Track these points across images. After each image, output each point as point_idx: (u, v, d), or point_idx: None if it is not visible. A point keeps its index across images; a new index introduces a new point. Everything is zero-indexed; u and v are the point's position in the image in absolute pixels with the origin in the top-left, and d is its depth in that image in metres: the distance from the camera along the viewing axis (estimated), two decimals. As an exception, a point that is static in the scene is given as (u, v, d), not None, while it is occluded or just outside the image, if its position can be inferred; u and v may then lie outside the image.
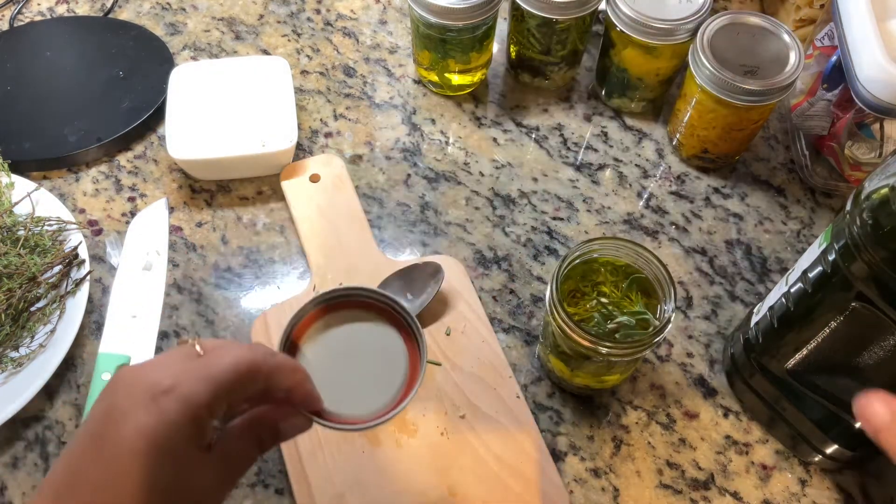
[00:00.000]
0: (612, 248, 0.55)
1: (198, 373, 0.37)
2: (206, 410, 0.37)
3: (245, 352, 0.39)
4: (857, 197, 0.44)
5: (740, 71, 0.63)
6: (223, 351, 0.39)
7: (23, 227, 0.64)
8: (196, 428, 0.37)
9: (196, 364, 0.38)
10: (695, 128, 0.69)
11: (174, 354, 0.39)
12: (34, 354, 0.59)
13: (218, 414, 0.38)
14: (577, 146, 0.75)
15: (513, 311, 0.65)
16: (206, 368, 0.38)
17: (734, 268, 0.68)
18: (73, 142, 0.71)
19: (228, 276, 0.67)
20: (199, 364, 0.38)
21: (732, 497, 0.57)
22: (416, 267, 0.64)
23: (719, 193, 0.72)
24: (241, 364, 0.38)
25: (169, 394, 0.36)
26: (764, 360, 0.56)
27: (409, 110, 0.77)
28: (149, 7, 0.84)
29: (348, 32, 0.82)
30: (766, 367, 0.56)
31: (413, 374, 0.46)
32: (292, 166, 0.71)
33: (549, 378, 0.62)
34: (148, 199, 0.71)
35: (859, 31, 0.59)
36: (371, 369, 0.46)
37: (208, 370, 0.38)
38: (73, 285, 0.62)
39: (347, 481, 0.55)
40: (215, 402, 0.37)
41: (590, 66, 0.80)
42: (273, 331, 0.62)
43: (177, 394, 0.36)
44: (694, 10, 0.66)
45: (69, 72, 0.77)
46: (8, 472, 0.57)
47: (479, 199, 0.71)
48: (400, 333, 0.48)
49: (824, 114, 0.66)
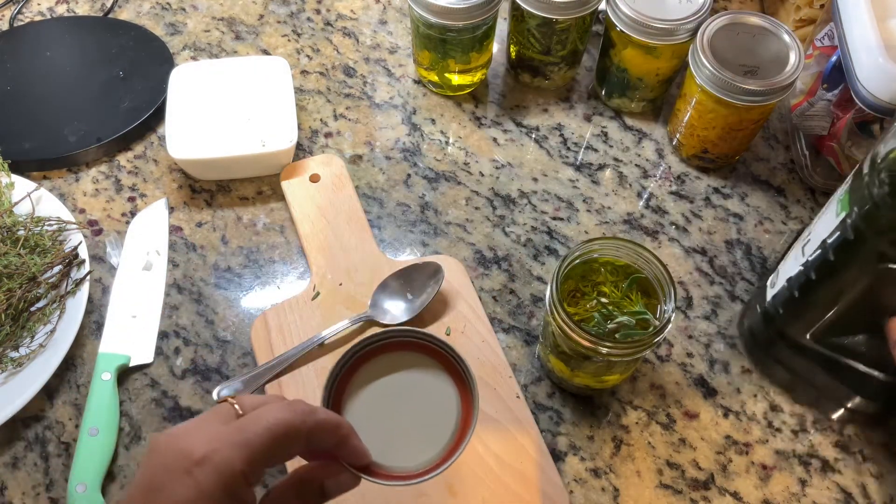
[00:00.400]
0: (612, 248, 0.55)
1: (232, 438, 0.36)
2: (241, 478, 0.36)
3: (283, 413, 0.37)
4: (874, 162, 0.44)
5: (740, 71, 0.63)
6: (261, 413, 0.38)
7: (23, 227, 0.64)
8: (233, 498, 0.36)
9: (231, 428, 0.37)
10: (695, 128, 0.69)
11: (210, 417, 0.38)
12: (34, 354, 0.59)
13: (256, 480, 0.37)
14: (577, 146, 0.75)
15: (513, 311, 0.65)
16: (241, 433, 0.36)
17: (734, 268, 0.68)
18: (73, 142, 0.71)
19: (228, 276, 0.67)
20: (234, 428, 0.37)
21: (732, 497, 0.57)
22: (416, 267, 0.64)
23: (719, 193, 0.72)
24: (279, 427, 0.37)
25: (203, 465, 0.35)
26: (785, 330, 0.57)
27: (409, 110, 0.77)
28: (149, 7, 0.84)
29: (348, 32, 0.82)
30: (787, 335, 0.57)
31: (466, 419, 0.43)
32: (292, 166, 0.71)
33: (549, 378, 0.62)
34: (148, 199, 0.71)
35: (859, 31, 0.59)
36: (421, 416, 0.44)
37: (243, 435, 0.36)
38: (73, 285, 0.62)
39: (347, 481, 0.55)
40: (251, 470, 0.36)
41: (590, 66, 0.80)
42: (273, 331, 0.62)
43: (211, 465, 0.35)
44: (694, 10, 0.66)
45: (69, 72, 0.77)
46: (8, 472, 0.57)
47: (479, 199, 0.71)
48: (450, 376, 0.45)
49: (824, 114, 0.66)
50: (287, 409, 0.38)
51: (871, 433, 0.60)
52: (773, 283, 0.58)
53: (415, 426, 0.44)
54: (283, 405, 0.38)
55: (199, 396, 0.60)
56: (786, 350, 0.58)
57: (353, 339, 0.61)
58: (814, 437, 0.60)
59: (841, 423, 0.60)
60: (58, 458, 0.58)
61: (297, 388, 0.59)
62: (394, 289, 0.63)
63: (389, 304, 0.63)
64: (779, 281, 0.57)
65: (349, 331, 0.62)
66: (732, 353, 0.63)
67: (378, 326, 0.62)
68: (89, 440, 0.56)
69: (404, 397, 0.44)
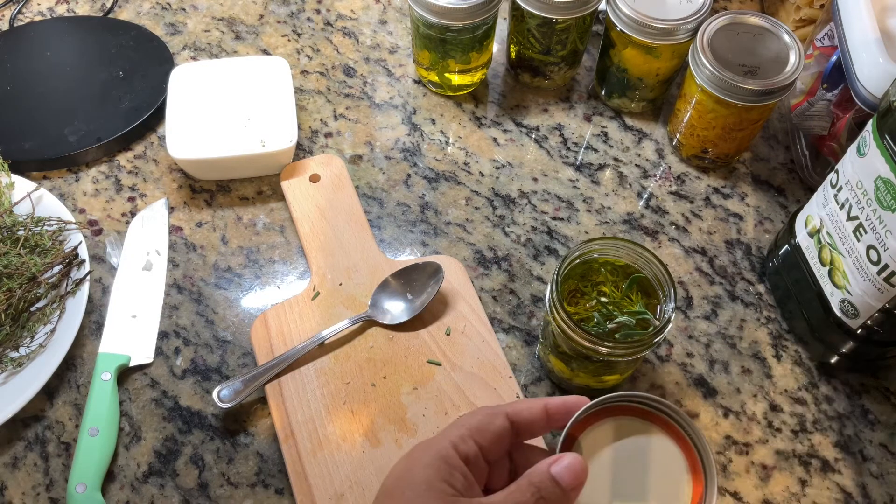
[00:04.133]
0: (612, 248, 0.55)
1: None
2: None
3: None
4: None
5: (740, 71, 0.63)
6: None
7: (23, 227, 0.64)
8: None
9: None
10: (695, 128, 0.69)
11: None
12: (34, 354, 0.59)
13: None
14: (577, 146, 0.75)
15: (513, 311, 0.65)
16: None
17: (734, 268, 0.68)
18: (73, 142, 0.71)
19: (228, 276, 0.67)
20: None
21: (732, 497, 0.57)
22: (416, 267, 0.64)
23: (719, 193, 0.72)
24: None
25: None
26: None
27: (409, 110, 0.77)
28: (149, 7, 0.84)
29: (348, 32, 0.82)
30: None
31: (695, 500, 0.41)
32: (292, 166, 0.71)
33: (549, 378, 0.62)
34: (148, 199, 0.71)
35: (859, 31, 0.59)
36: (648, 488, 0.41)
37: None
38: (73, 285, 0.62)
39: (347, 481, 0.55)
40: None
41: (590, 66, 0.80)
42: (273, 331, 0.62)
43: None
44: (694, 10, 0.66)
45: (69, 72, 0.77)
46: (8, 472, 0.57)
47: (479, 199, 0.71)
48: (682, 451, 0.42)
49: (824, 114, 0.66)
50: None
51: (871, 433, 0.60)
52: (805, 222, 0.60)
53: (641, 497, 0.41)
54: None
55: (199, 396, 0.60)
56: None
57: (353, 339, 0.61)
58: (814, 437, 0.60)
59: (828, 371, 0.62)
60: (58, 458, 0.58)
61: (297, 388, 0.59)
62: (394, 289, 0.63)
63: (389, 304, 0.63)
64: (812, 219, 0.59)
65: (349, 331, 0.62)
66: (732, 353, 0.63)
67: (379, 327, 0.62)
68: (89, 440, 0.56)
69: (632, 464, 0.42)
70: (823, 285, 0.59)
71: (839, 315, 0.58)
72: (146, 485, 0.57)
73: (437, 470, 0.38)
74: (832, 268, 0.57)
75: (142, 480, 0.57)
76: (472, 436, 0.40)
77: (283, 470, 0.57)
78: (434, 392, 0.59)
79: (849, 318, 0.57)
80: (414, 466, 0.39)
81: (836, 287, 0.57)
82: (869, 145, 0.51)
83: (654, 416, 0.42)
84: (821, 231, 0.58)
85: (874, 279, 0.53)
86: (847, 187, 0.54)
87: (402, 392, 0.59)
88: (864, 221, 0.53)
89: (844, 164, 0.55)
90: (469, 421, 0.41)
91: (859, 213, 0.53)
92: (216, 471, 0.57)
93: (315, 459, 0.56)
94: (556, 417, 0.42)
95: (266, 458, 0.58)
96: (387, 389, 0.59)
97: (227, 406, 0.57)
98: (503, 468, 0.43)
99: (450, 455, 0.39)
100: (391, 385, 0.59)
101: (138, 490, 0.57)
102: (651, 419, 0.42)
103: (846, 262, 0.56)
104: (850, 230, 0.55)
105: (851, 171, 0.54)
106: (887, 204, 0.50)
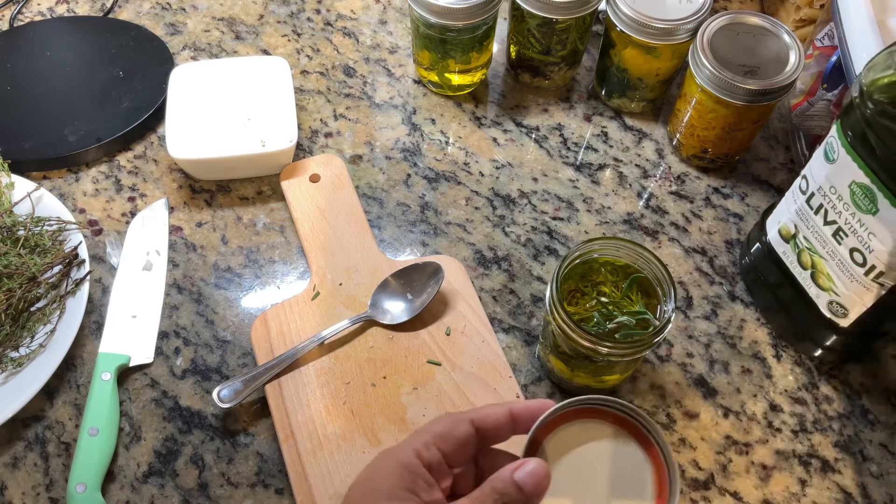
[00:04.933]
0: (612, 248, 0.55)
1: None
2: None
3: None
4: (862, 91, 0.47)
5: (740, 71, 0.63)
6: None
7: (23, 227, 0.64)
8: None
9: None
10: (695, 128, 0.69)
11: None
12: (34, 354, 0.59)
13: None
14: (577, 146, 0.75)
15: (513, 311, 0.65)
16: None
17: (734, 268, 0.68)
18: (73, 142, 0.71)
19: (228, 276, 0.67)
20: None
21: (732, 497, 0.57)
22: (416, 267, 0.64)
23: (719, 193, 0.72)
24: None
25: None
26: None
27: (409, 110, 0.77)
28: (149, 7, 0.84)
29: (348, 32, 0.82)
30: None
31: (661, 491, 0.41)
32: (292, 166, 0.71)
33: (549, 378, 0.62)
34: (148, 199, 0.71)
35: (859, 31, 0.59)
36: (611, 491, 0.41)
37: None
38: (73, 285, 0.62)
39: (347, 481, 0.55)
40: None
41: (590, 66, 0.80)
42: (273, 331, 0.62)
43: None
44: (694, 10, 0.66)
45: (69, 72, 0.77)
46: (8, 472, 0.57)
47: (479, 199, 0.71)
48: (646, 454, 0.42)
49: (824, 114, 0.66)
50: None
51: (871, 433, 0.60)
52: (776, 222, 0.60)
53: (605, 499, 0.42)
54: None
55: (199, 396, 0.60)
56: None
57: (353, 339, 0.61)
58: (814, 437, 0.60)
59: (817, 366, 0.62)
60: (58, 458, 0.58)
61: (297, 388, 0.59)
62: (394, 289, 0.63)
63: (389, 304, 0.63)
64: (781, 219, 0.59)
65: (349, 331, 0.62)
66: (732, 353, 0.63)
67: (379, 327, 0.62)
68: (89, 440, 0.56)
69: (595, 469, 0.42)
70: (808, 288, 0.58)
71: (828, 316, 0.58)
72: (146, 485, 0.57)
73: (400, 478, 0.39)
74: (815, 271, 0.57)
75: (142, 480, 0.57)
76: (436, 443, 0.40)
77: (283, 470, 0.57)
78: (434, 392, 0.59)
79: (838, 318, 0.57)
80: (377, 475, 0.40)
81: (821, 289, 0.57)
82: (837, 150, 0.51)
83: (619, 419, 0.43)
84: (797, 236, 0.58)
85: (862, 280, 0.53)
86: (819, 193, 0.54)
87: (402, 392, 0.59)
88: (844, 225, 0.52)
89: (812, 170, 0.54)
90: (433, 428, 0.41)
91: (837, 217, 0.53)
92: (216, 471, 0.57)
93: (315, 459, 0.56)
94: (521, 422, 0.42)
95: (266, 458, 0.58)
96: (387, 389, 0.59)
97: (227, 406, 0.57)
98: (469, 473, 0.44)
99: (412, 463, 0.40)
100: (391, 385, 0.59)
101: (138, 490, 0.57)
102: (616, 422, 0.43)
103: (829, 265, 0.55)
104: (829, 234, 0.54)
105: (822, 178, 0.53)
106: (866, 207, 0.50)
